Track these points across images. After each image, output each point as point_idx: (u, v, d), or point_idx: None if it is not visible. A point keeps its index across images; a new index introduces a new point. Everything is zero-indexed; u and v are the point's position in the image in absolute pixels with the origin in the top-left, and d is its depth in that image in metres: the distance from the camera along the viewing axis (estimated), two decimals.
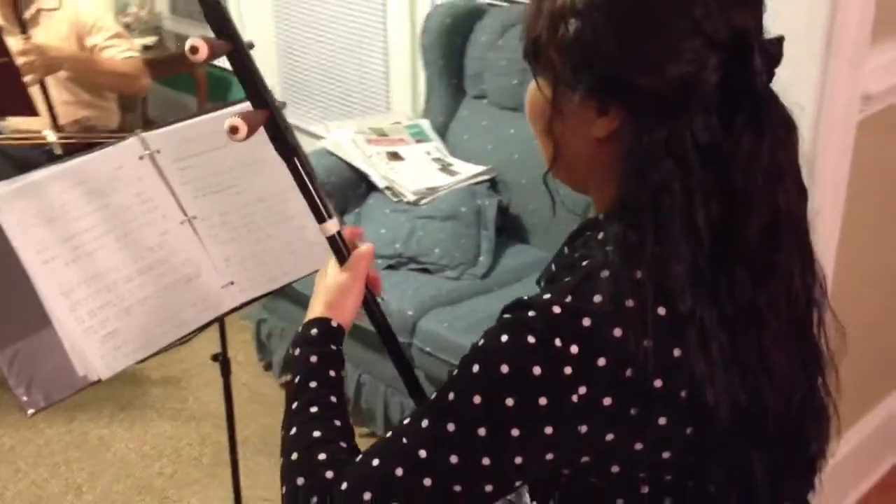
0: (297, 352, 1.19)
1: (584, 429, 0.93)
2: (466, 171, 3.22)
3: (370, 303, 1.30)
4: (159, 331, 1.69)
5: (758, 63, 0.95)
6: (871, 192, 2.26)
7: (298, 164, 1.25)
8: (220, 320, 1.79)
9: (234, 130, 1.12)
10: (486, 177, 3.19)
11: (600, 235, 1.01)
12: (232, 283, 1.78)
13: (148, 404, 3.27)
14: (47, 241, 1.64)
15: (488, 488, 0.97)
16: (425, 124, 3.45)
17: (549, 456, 0.95)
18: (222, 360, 2.00)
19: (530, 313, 0.94)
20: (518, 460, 0.95)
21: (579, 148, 1.03)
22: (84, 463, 3.02)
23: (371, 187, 3.25)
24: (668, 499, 1.01)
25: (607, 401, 0.92)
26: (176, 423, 3.17)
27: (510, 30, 3.30)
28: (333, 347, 1.21)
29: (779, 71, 1.00)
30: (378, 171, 3.20)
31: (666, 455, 0.97)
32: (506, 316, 0.98)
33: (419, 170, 3.23)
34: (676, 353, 0.94)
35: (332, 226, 1.28)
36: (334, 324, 1.22)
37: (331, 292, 1.25)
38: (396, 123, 3.45)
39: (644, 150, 0.95)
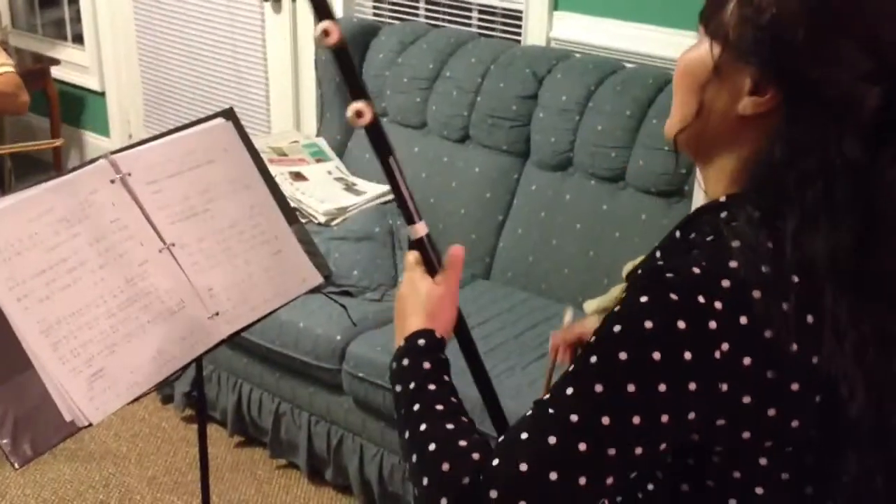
0: (406, 361, 1.16)
1: (724, 387, 0.94)
2: (373, 190, 3.15)
3: (459, 317, 1.28)
4: (147, 369, 1.57)
5: None
6: None
7: (394, 163, 1.22)
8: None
9: (360, 114, 1.17)
10: (392, 196, 3.13)
11: (723, 214, 1.02)
12: (217, 313, 1.67)
13: None
14: (18, 275, 1.49)
15: (639, 451, 0.95)
16: (322, 143, 3.37)
17: (692, 415, 0.95)
18: (199, 397, 1.87)
19: (668, 275, 0.96)
20: (665, 418, 0.94)
21: (720, 117, 1.04)
22: None
23: None
24: (784, 474, 1.02)
25: (747, 360, 0.94)
26: (74, 464, 2.95)
27: (409, 47, 3.27)
28: (442, 356, 1.18)
29: None
30: (284, 192, 3.09)
31: (795, 424, 0.98)
32: (642, 281, 0.98)
33: (325, 190, 3.14)
34: (810, 319, 0.96)
35: (422, 227, 1.26)
36: (437, 335, 1.20)
37: (429, 303, 1.23)
38: (294, 142, 3.35)
39: (793, 139, 0.97)
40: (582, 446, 0.94)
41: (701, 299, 0.93)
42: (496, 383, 2.42)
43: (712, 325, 0.93)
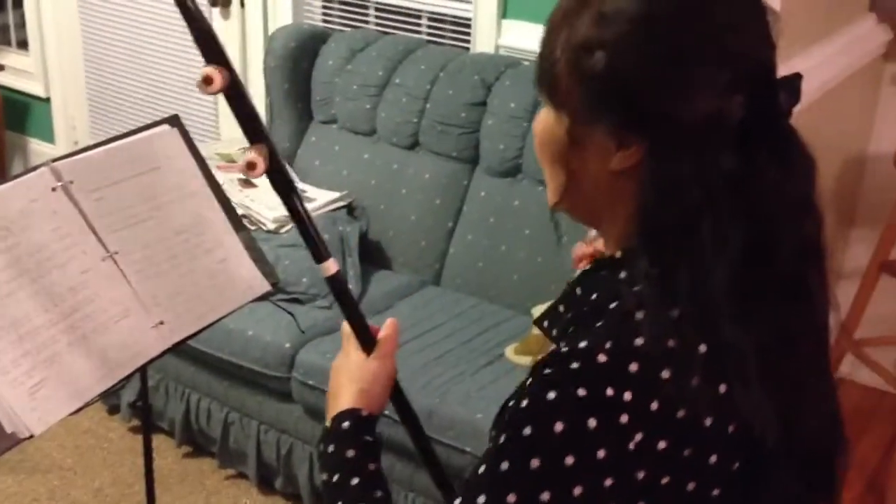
0: (332, 448, 1.14)
1: (641, 475, 0.91)
2: (322, 197, 3.14)
3: (396, 388, 1.28)
4: (90, 379, 1.54)
5: (783, 100, 0.97)
6: None
7: (297, 201, 1.21)
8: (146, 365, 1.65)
9: (252, 167, 1.13)
10: (342, 203, 3.14)
11: (622, 274, 0.98)
12: (162, 322, 1.65)
13: None
14: None
15: None
16: None
17: None
18: (144, 406, 1.84)
19: (573, 365, 0.91)
20: None
21: (593, 181, 0.99)
22: None
23: None
24: None
25: (662, 444, 0.91)
26: (19, 476, 2.90)
27: (358, 54, 3.27)
28: (369, 438, 1.15)
29: None
30: (233, 199, 3.06)
31: (715, 493, 0.96)
32: (546, 371, 0.93)
33: (274, 197, 3.10)
34: (722, 388, 0.94)
35: (332, 265, 1.24)
36: (364, 413, 1.17)
37: (361, 379, 1.21)
38: (243, 149, 3.32)
39: (670, 179, 0.92)
40: None
41: (609, 391, 0.89)
42: (445, 390, 2.45)
43: (623, 419, 0.89)
